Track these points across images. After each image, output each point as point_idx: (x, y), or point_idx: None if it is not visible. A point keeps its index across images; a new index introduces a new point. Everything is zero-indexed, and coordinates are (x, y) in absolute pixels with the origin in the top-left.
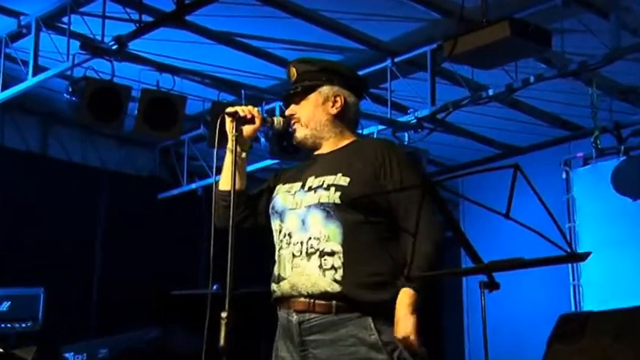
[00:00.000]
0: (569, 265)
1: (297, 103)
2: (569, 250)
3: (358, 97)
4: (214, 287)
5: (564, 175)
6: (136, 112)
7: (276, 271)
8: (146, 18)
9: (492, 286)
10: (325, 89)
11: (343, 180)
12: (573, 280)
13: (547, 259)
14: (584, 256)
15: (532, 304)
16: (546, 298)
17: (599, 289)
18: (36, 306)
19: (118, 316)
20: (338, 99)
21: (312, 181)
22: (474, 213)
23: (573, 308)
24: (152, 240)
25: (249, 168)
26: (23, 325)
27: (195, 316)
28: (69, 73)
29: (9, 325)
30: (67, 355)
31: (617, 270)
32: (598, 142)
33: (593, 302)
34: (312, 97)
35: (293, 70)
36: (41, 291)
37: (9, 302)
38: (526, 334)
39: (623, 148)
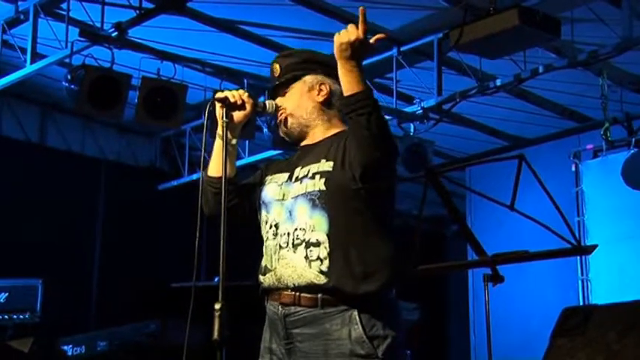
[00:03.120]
0: (578, 259)
1: (283, 95)
2: (575, 243)
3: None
4: (216, 279)
5: (573, 168)
6: (136, 100)
7: (263, 263)
8: (147, 4)
9: (496, 279)
10: (309, 78)
11: (327, 165)
12: (582, 274)
13: (552, 251)
14: (590, 249)
15: (540, 298)
16: (554, 292)
17: (608, 283)
18: (34, 297)
19: (118, 309)
20: (323, 87)
21: (298, 172)
22: (481, 205)
23: (581, 303)
24: (152, 231)
25: (252, 158)
26: (21, 316)
27: (195, 308)
28: (68, 60)
29: (6, 317)
30: (65, 347)
31: (626, 264)
32: (608, 133)
33: (601, 297)
34: (297, 86)
35: (276, 66)
36: (39, 282)
37: (6, 293)
38: (534, 329)
39: (633, 140)
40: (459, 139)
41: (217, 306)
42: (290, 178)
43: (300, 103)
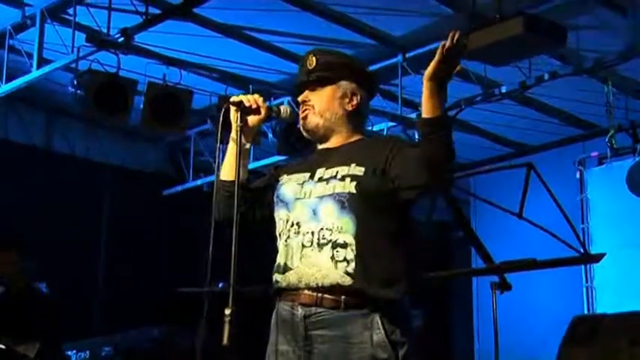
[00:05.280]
0: (583, 266)
1: (313, 90)
2: (582, 251)
3: (370, 97)
4: (219, 285)
5: (578, 175)
6: (142, 106)
7: (281, 261)
8: (153, 10)
9: (504, 286)
10: (344, 84)
11: (358, 170)
12: (586, 282)
13: (560, 260)
14: (598, 258)
15: (544, 306)
16: (559, 300)
17: (613, 291)
18: None
19: (122, 314)
20: (354, 97)
21: (322, 172)
22: (486, 212)
23: (586, 311)
24: (157, 237)
25: (257, 164)
26: None
27: (199, 314)
28: (74, 65)
29: None
30: (70, 352)
31: (631, 272)
32: (613, 141)
33: (606, 305)
34: (330, 88)
35: (312, 59)
36: (43, 286)
37: None
38: (537, 337)
39: (638, 147)
40: (463, 145)
41: (227, 311)
42: (311, 177)
43: (330, 107)
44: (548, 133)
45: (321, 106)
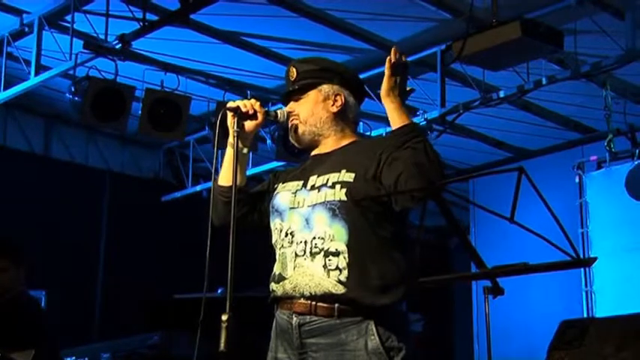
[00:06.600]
0: (582, 271)
1: (297, 100)
2: (574, 255)
3: (358, 99)
4: (219, 291)
5: (577, 179)
6: (140, 112)
7: (276, 270)
8: (150, 17)
9: (496, 291)
10: (325, 87)
11: (348, 176)
12: (586, 286)
13: (551, 264)
14: (589, 262)
15: (544, 310)
16: (558, 304)
17: (612, 295)
18: None
19: (121, 320)
20: (338, 98)
21: (314, 180)
22: (485, 217)
23: (585, 315)
24: (155, 243)
25: (255, 170)
26: None
27: (198, 320)
28: (72, 72)
29: None
30: (68, 359)
31: (630, 276)
32: (612, 145)
33: (605, 309)
34: (312, 94)
35: (293, 70)
36: (42, 293)
37: None
38: (537, 341)
39: (637, 151)
40: (462, 150)
41: (224, 317)
42: (304, 185)
43: (314, 112)
44: (546, 137)
45: (305, 113)
